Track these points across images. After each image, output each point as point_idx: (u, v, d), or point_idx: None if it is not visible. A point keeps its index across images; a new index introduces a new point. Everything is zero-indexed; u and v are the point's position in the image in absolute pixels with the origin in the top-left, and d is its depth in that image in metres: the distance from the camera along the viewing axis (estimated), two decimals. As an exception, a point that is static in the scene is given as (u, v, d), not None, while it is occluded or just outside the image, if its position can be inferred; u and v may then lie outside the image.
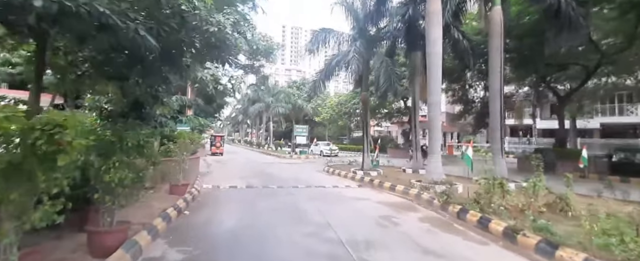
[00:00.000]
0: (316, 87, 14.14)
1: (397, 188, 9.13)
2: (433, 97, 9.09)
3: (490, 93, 10.32)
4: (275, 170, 14.93)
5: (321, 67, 14.65)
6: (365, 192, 9.33)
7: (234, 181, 10.43)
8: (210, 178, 10.95)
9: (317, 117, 38.41)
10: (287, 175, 12.58)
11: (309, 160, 21.80)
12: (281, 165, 17.95)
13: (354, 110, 31.45)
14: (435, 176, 8.78)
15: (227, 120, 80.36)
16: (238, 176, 11.89)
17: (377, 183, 10.22)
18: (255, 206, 6.63)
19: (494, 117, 10.08)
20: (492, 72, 10.12)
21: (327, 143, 28.77)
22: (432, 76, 9.09)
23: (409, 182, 9.34)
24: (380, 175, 11.84)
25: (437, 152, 9.00)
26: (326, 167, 15.10)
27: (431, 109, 9.11)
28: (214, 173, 12.54)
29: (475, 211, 5.91)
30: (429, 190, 8.34)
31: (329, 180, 11.85)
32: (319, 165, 17.67)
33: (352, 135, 41.26)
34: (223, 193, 8.03)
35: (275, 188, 9.38)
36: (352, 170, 12.85)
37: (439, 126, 9.09)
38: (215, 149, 23.94)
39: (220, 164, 17.21)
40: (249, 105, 42.28)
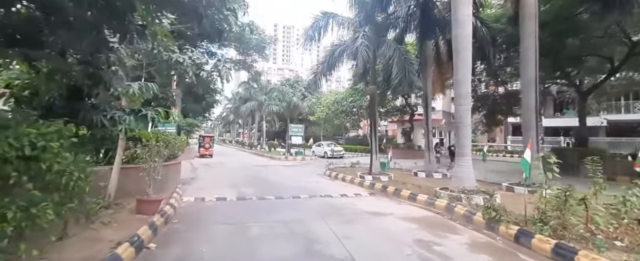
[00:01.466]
0: (316, 82, 12.54)
1: (420, 198, 7.62)
2: (461, 87, 7.61)
3: (522, 86, 8.92)
4: (270, 174, 13.28)
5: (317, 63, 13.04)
6: (381, 202, 7.79)
7: (223, 190, 8.75)
8: (194, 186, 9.24)
9: (311, 116, 36.80)
10: (284, 181, 10.95)
11: (306, 162, 20.19)
12: (276, 167, 16.30)
13: (350, 109, 29.97)
14: (466, 183, 7.30)
15: (218, 119, 78.03)
16: (228, 183, 10.20)
17: (392, 190, 8.70)
18: (249, 232, 4.99)
19: (528, 113, 8.69)
20: (525, 60, 8.73)
21: (331, 144, 26.69)
22: (461, 63, 7.62)
23: (433, 190, 7.84)
24: (392, 180, 10.34)
25: (468, 154, 7.53)
26: (327, 170, 13.53)
27: (460, 102, 7.63)
28: (200, 180, 10.81)
29: (545, 236, 4.42)
30: (461, 201, 6.86)
31: (334, 186, 10.28)
32: (318, 168, 16.08)
33: (348, 135, 39.78)
34: (207, 210, 6.35)
35: (272, 199, 7.75)
36: (358, 174, 11.31)
37: (468, 122, 7.63)
38: (203, 151, 22.08)
39: (208, 168, 15.44)
40: (240, 104, 40.38)
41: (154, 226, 4.41)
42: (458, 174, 7.53)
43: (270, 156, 24.04)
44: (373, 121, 11.32)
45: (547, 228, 4.51)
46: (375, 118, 11.42)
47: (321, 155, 23.71)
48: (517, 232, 4.85)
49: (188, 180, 10.26)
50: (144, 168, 5.41)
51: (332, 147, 24.99)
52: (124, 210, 5.48)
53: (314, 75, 12.37)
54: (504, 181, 10.04)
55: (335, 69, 12.35)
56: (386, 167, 11.23)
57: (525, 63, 8.70)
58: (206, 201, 7.07)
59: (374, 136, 11.21)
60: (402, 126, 29.33)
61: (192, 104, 26.99)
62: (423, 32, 11.36)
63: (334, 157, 22.60)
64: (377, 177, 10.56)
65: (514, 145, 27.33)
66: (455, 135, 7.83)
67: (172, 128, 19.32)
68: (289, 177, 12.47)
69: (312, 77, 12.43)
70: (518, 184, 8.69)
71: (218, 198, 7.47)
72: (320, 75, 12.42)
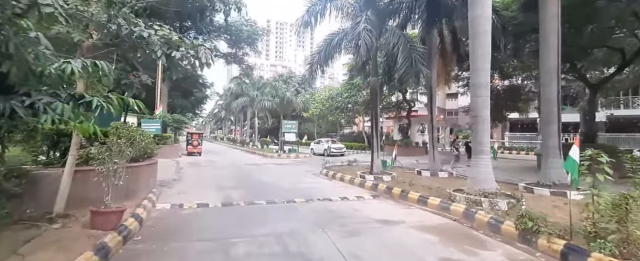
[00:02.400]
0: (312, 73, 11.49)
1: (431, 202, 6.70)
2: (480, 76, 6.69)
3: (542, 75, 8.05)
4: (262, 173, 12.23)
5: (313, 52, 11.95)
6: (388, 207, 6.85)
7: (207, 194, 7.69)
8: (175, 190, 8.14)
9: (305, 113, 35.70)
10: (277, 182, 9.93)
11: (301, 160, 19.17)
12: (269, 166, 15.25)
13: (345, 105, 28.99)
14: (485, 185, 6.41)
15: (209, 116, 76.30)
16: (214, 185, 9.12)
17: (397, 192, 7.77)
18: (232, 251, 3.94)
19: (548, 106, 7.84)
20: (546, 47, 7.85)
21: (332, 140, 25.00)
22: (479, 48, 6.69)
23: (446, 192, 6.92)
24: (395, 181, 9.42)
25: (486, 152, 6.63)
26: (324, 169, 12.56)
27: (477, 92, 6.71)
28: (182, 182, 9.70)
29: (607, 256, 3.52)
30: (481, 206, 5.96)
31: (333, 188, 9.30)
32: (314, 167, 15.10)
33: (343, 132, 38.85)
34: (184, 222, 5.26)
35: (263, 204, 6.73)
36: (358, 173, 10.36)
37: (487, 115, 6.71)
38: (192, 148, 20.83)
39: (195, 167, 14.29)
40: (231, 100, 39.04)
41: (104, 250, 3.34)
42: (476, 174, 6.63)
43: (262, 154, 22.94)
44: (375, 116, 10.36)
45: (607, 244, 3.61)
46: (377, 113, 10.47)
47: (321, 153, 22.12)
48: (564, 248, 3.95)
49: (169, 182, 9.15)
50: (100, 172, 4.32)
51: (333, 144, 23.31)
52: (76, 223, 4.39)
53: (309, 66, 11.32)
54: (516, 180, 9.24)
55: (332, 60, 11.33)
56: (391, 165, 10.29)
57: (545, 50, 7.82)
58: (185, 209, 6.00)
59: (375, 132, 10.26)
60: (399, 122, 28.51)
61: (180, 99, 25.71)
62: (429, 18, 10.42)
63: (335, 154, 21.01)
64: (380, 177, 9.63)
65: (512, 141, 26.86)
66: (472, 131, 6.90)
67: (156, 124, 18.08)
68: (282, 176, 11.45)
69: (307, 67, 11.38)
70: (537, 184, 7.87)
71: (200, 204, 6.40)
72: (317, 65, 11.37)
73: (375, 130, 10.30)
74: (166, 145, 17.84)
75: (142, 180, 6.36)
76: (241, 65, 25.56)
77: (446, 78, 12.66)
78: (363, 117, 30.13)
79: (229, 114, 51.18)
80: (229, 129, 61.90)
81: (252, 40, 23.20)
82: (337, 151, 22.07)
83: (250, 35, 22.61)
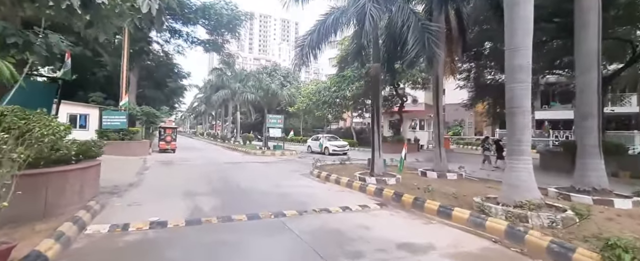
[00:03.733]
0: (302, 57, 9.84)
1: (457, 215, 5.32)
2: (518, 56, 5.32)
3: (578, 61, 6.82)
4: (243, 174, 10.52)
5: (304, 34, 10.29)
6: (403, 222, 5.41)
7: (170, 204, 5.96)
8: (127, 199, 6.32)
9: (290, 107, 33.92)
10: (261, 186, 8.28)
11: (287, 158, 17.53)
12: (252, 165, 13.51)
13: (333, 99, 27.51)
14: (527, 193, 5.08)
15: (188, 110, 72.70)
16: (182, 190, 7.36)
17: (409, 201, 6.36)
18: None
19: (587, 96, 6.63)
20: (583, 27, 6.63)
21: (333, 137, 22.50)
22: (518, 21, 5.32)
23: (473, 202, 5.55)
24: (402, 184, 8.03)
25: (527, 152, 5.29)
26: (314, 169, 11.01)
27: (515, 77, 5.34)
28: (142, 186, 7.85)
29: None
30: (527, 221, 4.63)
31: (329, 193, 7.78)
32: (302, 165, 13.53)
33: (330, 127, 37.41)
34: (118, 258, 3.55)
35: (243, 221, 5.09)
36: (357, 174, 8.89)
37: (528, 106, 5.36)
38: (164, 145, 18.66)
39: (164, 167, 12.33)
40: (211, 93, 36.61)
41: None
42: (514, 180, 5.28)
43: (245, 150, 21.08)
44: (376, 108, 8.87)
45: None
46: (378, 105, 8.98)
47: (319, 151, 19.78)
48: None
49: (123, 188, 7.27)
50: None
51: (334, 141, 20.58)
52: None
53: (299, 49, 9.66)
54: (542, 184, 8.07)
55: (327, 42, 9.72)
56: (400, 169, 8.87)
57: (583, 31, 6.60)
58: (129, 232, 4.25)
59: (376, 127, 8.80)
60: (391, 118, 27.37)
61: (151, 90, 23.25)
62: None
63: (337, 153, 18.41)
64: (383, 180, 8.19)
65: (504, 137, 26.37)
66: (508, 125, 5.54)
67: (121, 117, 15.83)
68: (267, 178, 9.80)
69: (296, 50, 9.70)
70: (571, 189, 6.69)
71: (154, 223, 4.67)
72: (309, 49, 9.72)
73: (376, 125, 8.83)
74: (133, 140, 15.66)
75: (70, 189, 4.55)
76: (221, 53, 23.40)
77: (452, 68, 11.43)
78: (352, 112, 28.79)
79: (210, 108, 48.53)
80: (210, 124, 59.00)
81: (233, 26, 21.13)
82: (339, 149, 19.40)
83: (231, 21, 20.54)
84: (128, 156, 14.42)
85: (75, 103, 16.27)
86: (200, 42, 22.29)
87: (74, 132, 16.10)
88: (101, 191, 6.35)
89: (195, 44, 22.24)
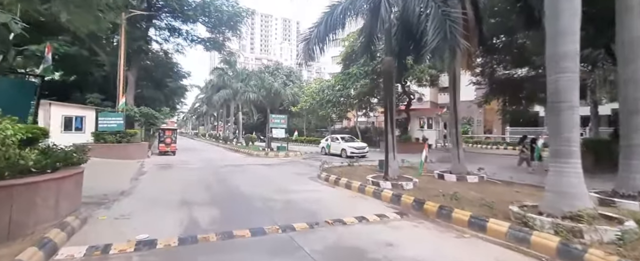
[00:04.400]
0: (307, 52, 9.11)
1: (493, 228, 4.58)
2: (563, 42, 4.57)
3: (621, 50, 6.02)
4: (246, 179, 9.81)
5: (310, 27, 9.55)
6: (431, 235, 4.69)
7: (163, 216, 5.26)
8: (115, 210, 5.64)
9: (293, 107, 33.18)
10: (266, 192, 7.57)
11: (291, 160, 16.82)
12: (255, 168, 12.81)
13: (338, 99, 26.74)
14: (577, 202, 4.33)
15: (190, 112, 72.28)
16: (178, 199, 6.67)
17: (433, 210, 5.61)
18: None
19: (633, 91, 5.84)
20: (629, 12, 5.84)
21: (350, 138, 20.41)
22: (563, 1, 4.56)
23: (514, 212, 4.80)
24: (420, 189, 7.28)
25: (576, 154, 4.53)
26: (322, 171, 10.29)
27: (561, 66, 4.59)
28: (134, 195, 7.16)
29: None
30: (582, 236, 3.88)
31: (340, 199, 7.06)
32: (308, 167, 12.81)
33: (334, 127, 36.63)
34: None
35: (247, 238, 4.37)
36: (369, 178, 8.15)
37: (576, 101, 4.60)
38: (164, 147, 18.00)
39: (162, 171, 11.66)
40: (213, 93, 35.96)
41: None
42: (560, 186, 4.52)
43: (247, 152, 20.40)
44: (389, 105, 8.12)
45: None
46: (392, 101, 8.23)
47: (337, 154, 18.02)
48: None
49: (112, 197, 6.59)
50: None
51: (352, 143, 18.62)
52: None
53: (304, 44, 8.92)
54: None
55: (335, 34, 8.99)
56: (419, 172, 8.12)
57: (628, 14, 5.81)
58: (110, 257, 3.55)
59: (391, 126, 8.04)
60: (397, 116, 26.50)
61: (150, 90, 22.61)
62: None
63: (355, 155, 16.45)
64: (399, 184, 7.45)
65: (514, 137, 25.45)
66: (551, 123, 4.78)
67: (118, 119, 15.19)
68: (272, 182, 9.09)
69: (302, 45, 8.97)
70: (615, 194, 5.91)
71: (142, 241, 3.97)
72: (315, 42, 8.99)
73: (390, 124, 8.08)
74: (130, 143, 15.02)
75: (43, 204, 3.85)
76: (222, 51, 22.73)
77: (469, 62, 10.64)
78: (356, 110, 28.02)
79: (211, 109, 47.98)
80: (212, 125, 58.46)
81: (234, 24, 20.44)
82: (358, 152, 17.37)
83: (231, 18, 19.86)
84: (125, 159, 13.78)
85: (71, 105, 15.66)
86: (201, 41, 21.63)
87: (70, 135, 15.41)
88: (87, 201, 5.66)
89: (195, 42, 21.59)
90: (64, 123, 15.30)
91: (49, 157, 4.12)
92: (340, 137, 20.31)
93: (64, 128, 15.28)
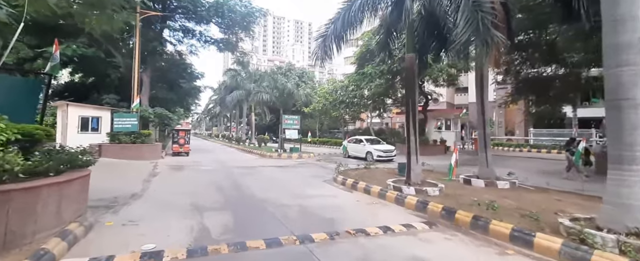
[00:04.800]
0: (324, 48, 8.70)
1: (541, 243, 4.02)
2: (624, 32, 3.94)
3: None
4: (259, 182, 9.45)
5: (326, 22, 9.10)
6: (468, 252, 4.15)
7: (173, 223, 4.93)
8: (123, 215, 5.35)
9: (305, 108, 32.82)
10: (280, 196, 7.16)
11: (305, 161, 16.41)
12: (267, 170, 12.46)
13: (351, 99, 26.20)
14: (646, 217, 3.69)
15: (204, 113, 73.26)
16: (190, 202, 6.35)
17: (467, 220, 5.05)
18: None
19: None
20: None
21: (375, 140, 18.20)
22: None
23: (566, 226, 4.19)
24: (446, 195, 6.71)
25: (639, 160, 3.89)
26: (337, 174, 9.82)
27: (622, 59, 3.96)
28: (145, 198, 6.90)
29: None
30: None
31: (359, 206, 6.58)
32: (323, 170, 12.36)
33: (347, 128, 36.04)
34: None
35: (261, 250, 3.96)
36: (390, 183, 7.62)
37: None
38: (177, 148, 17.97)
39: (174, 172, 11.47)
40: (226, 94, 36.07)
41: None
42: (622, 198, 3.89)
43: (260, 153, 20.15)
44: (412, 104, 7.57)
45: None
46: (414, 101, 7.67)
47: (362, 157, 16.22)
48: None
49: (122, 200, 6.34)
50: None
51: (378, 145, 16.59)
52: None
53: (321, 40, 8.51)
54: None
55: (353, 30, 8.54)
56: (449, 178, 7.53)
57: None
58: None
59: (413, 127, 7.49)
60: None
61: (165, 91, 22.73)
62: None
63: (382, 159, 15.33)
64: (423, 190, 6.89)
65: (538, 139, 24.18)
66: (611, 124, 4.16)
67: (132, 119, 15.20)
68: (286, 186, 8.70)
69: (318, 42, 8.54)
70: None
71: (147, 253, 3.62)
72: (331, 39, 8.58)
73: (412, 124, 7.53)
74: (144, 143, 14.99)
75: (43, 210, 3.56)
76: (235, 52, 22.63)
77: (497, 59, 9.89)
78: (370, 111, 27.38)
79: (224, 110, 48.31)
80: (225, 126, 58.93)
81: (247, 24, 20.27)
82: (385, 155, 15.77)
83: (245, 18, 19.68)
84: (139, 160, 13.74)
85: (87, 106, 15.80)
86: (214, 41, 21.59)
87: (86, 135, 15.47)
88: (95, 205, 5.41)
89: (208, 43, 21.56)
90: (80, 124, 15.43)
91: (52, 160, 3.84)
92: (364, 138, 17.98)
93: (81, 129, 15.40)
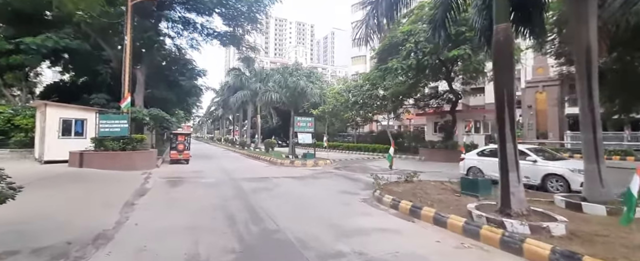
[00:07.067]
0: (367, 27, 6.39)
1: None
2: None
3: None
4: (280, 203, 7.08)
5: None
6: None
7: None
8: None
9: (314, 110, 30.51)
10: (322, 233, 4.81)
11: (323, 170, 14.07)
12: (285, 183, 10.09)
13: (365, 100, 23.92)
14: None
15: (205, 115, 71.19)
16: (185, 248, 4.01)
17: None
18: None
19: None
20: None
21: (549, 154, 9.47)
22: None
23: None
24: (578, 237, 4.35)
25: None
26: (378, 190, 7.49)
27: None
28: (117, 239, 4.58)
29: None
30: None
31: (442, 252, 4.20)
32: (350, 182, 10.00)
33: (359, 131, 33.68)
34: None
35: None
36: (472, 210, 5.26)
37: None
38: (175, 154, 15.69)
39: (168, 188, 9.14)
40: (229, 95, 33.85)
41: None
42: None
43: (269, 160, 17.84)
44: (508, 98, 5.14)
45: None
46: (512, 92, 5.26)
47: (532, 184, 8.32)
48: None
49: (78, 246, 4.01)
50: None
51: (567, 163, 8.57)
52: None
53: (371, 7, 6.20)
54: None
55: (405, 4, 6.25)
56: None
57: None
58: None
59: (510, 128, 5.13)
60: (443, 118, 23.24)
61: (162, 91, 20.47)
62: None
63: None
64: (538, 226, 4.52)
65: (575, 142, 21.72)
66: None
67: (122, 122, 12.90)
68: (319, 211, 6.36)
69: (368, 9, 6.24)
70: None
71: None
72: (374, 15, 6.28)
73: (510, 125, 5.18)
74: (136, 150, 12.73)
75: None
76: (240, 47, 20.41)
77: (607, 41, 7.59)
78: (389, 113, 25.06)
79: (227, 112, 46.14)
80: (228, 129, 56.72)
81: (253, 14, 18.06)
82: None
83: (251, 7, 17.47)
84: (129, 170, 11.46)
85: (70, 106, 13.60)
86: (217, 35, 19.39)
87: (69, 140, 13.03)
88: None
89: (211, 36, 19.37)
90: (62, 127, 13.21)
91: None
92: (527, 149, 9.00)
93: (62, 133, 13.19)
